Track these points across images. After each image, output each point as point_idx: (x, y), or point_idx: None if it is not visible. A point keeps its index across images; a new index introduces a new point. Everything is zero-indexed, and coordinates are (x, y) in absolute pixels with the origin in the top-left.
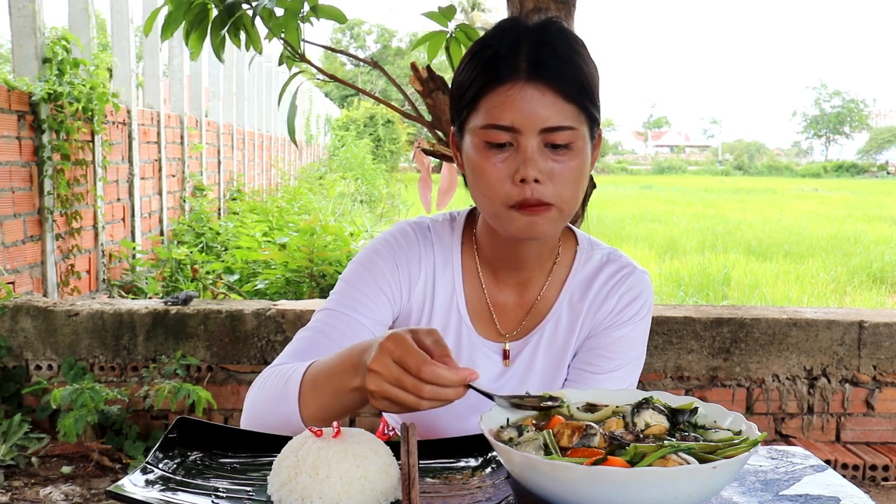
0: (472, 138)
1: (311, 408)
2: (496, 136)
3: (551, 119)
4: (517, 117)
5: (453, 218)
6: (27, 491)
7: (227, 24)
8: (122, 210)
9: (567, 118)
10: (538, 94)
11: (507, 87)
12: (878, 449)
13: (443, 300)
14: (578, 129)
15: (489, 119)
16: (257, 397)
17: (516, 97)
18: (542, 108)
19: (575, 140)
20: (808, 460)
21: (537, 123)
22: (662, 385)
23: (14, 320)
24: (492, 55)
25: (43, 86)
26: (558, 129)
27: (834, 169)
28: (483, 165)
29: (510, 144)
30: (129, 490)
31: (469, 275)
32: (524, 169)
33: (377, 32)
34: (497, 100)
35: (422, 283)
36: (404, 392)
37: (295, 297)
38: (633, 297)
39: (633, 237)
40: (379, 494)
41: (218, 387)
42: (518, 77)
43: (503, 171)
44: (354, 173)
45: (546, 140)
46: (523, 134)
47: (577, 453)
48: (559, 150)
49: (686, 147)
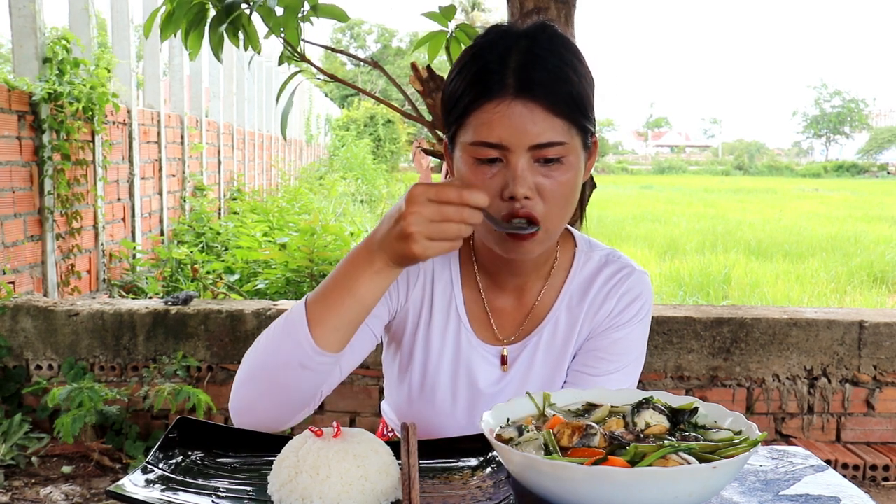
0: (461, 153)
1: (325, 322)
2: (485, 152)
3: (541, 135)
4: (505, 134)
5: None
6: (27, 491)
7: (224, 24)
8: (123, 210)
9: (557, 133)
10: (527, 111)
11: (494, 104)
12: (878, 449)
13: (441, 303)
14: (570, 144)
15: (478, 136)
16: (255, 349)
17: (504, 114)
18: (531, 125)
19: (567, 154)
20: (808, 460)
21: (526, 140)
22: (663, 385)
23: (14, 320)
24: (480, 68)
25: (43, 86)
26: (548, 145)
27: (834, 169)
28: (472, 180)
29: (500, 160)
30: (129, 490)
31: (467, 279)
32: (514, 186)
33: (377, 32)
34: (485, 116)
35: (420, 286)
36: (448, 223)
37: (295, 297)
38: (632, 298)
39: (633, 237)
40: (379, 494)
41: (218, 387)
42: (506, 93)
43: (492, 188)
44: (355, 173)
45: (536, 156)
46: (512, 151)
47: (578, 453)
48: (551, 164)
49: (686, 147)
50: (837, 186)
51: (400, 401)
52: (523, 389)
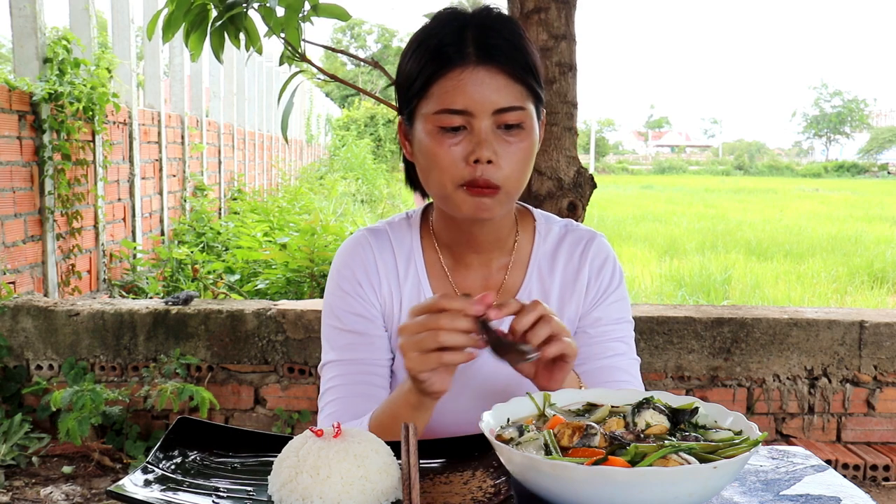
0: (423, 124)
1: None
2: (449, 120)
3: (503, 100)
4: (469, 101)
5: (409, 216)
6: (28, 491)
7: (224, 23)
8: (123, 210)
9: (517, 98)
10: (489, 77)
11: (457, 72)
12: (878, 449)
13: (410, 295)
14: (527, 109)
15: (442, 104)
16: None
17: (467, 80)
18: (494, 91)
19: (525, 119)
20: (808, 460)
21: (489, 105)
22: (663, 385)
23: (15, 320)
24: (437, 43)
25: (44, 86)
26: (510, 109)
27: (835, 169)
28: (436, 150)
29: (463, 128)
30: (129, 490)
31: (432, 266)
32: (479, 150)
33: (378, 32)
34: (448, 84)
35: (386, 285)
36: (427, 332)
37: (295, 297)
38: (602, 262)
39: (633, 237)
40: (380, 494)
41: (219, 387)
42: (468, 61)
43: (457, 153)
44: (355, 173)
45: (498, 121)
46: (476, 116)
47: (578, 453)
48: (512, 129)
49: (687, 147)
50: (838, 186)
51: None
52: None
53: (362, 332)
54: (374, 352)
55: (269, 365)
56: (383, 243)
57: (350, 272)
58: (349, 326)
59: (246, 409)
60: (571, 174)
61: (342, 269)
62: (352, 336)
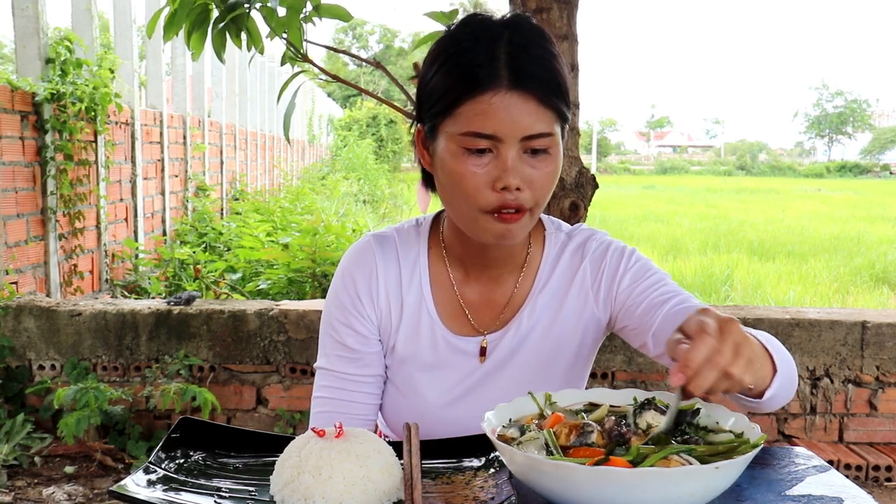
0: (447, 143)
1: None
2: (475, 143)
3: (532, 127)
4: (499, 126)
5: (419, 223)
6: (30, 491)
7: (226, 23)
8: (125, 210)
9: (546, 125)
10: (521, 102)
11: (489, 96)
12: (881, 449)
13: (412, 304)
14: (555, 135)
15: (470, 127)
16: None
17: (498, 106)
18: (524, 116)
19: (552, 145)
20: (810, 461)
21: (519, 132)
22: (665, 385)
23: (17, 320)
24: (468, 62)
25: (46, 86)
26: (539, 136)
27: (837, 169)
28: (461, 171)
29: (489, 150)
30: (131, 490)
31: (438, 277)
32: (506, 178)
33: (380, 33)
34: (479, 108)
35: (384, 294)
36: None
37: (297, 297)
38: (602, 252)
39: (635, 237)
40: (381, 495)
41: (221, 387)
42: (499, 85)
43: (482, 179)
44: (357, 174)
45: (525, 147)
46: (504, 142)
47: (578, 452)
48: (538, 155)
49: (689, 147)
50: (840, 187)
51: (387, 405)
52: (504, 378)
53: (354, 349)
54: (364, 368)
55: (271, 365)
56: (388, 251)
57: (351, 282)
58: (342, 339)
59: (248, 410)
60: (573, 174)
61: (344, 277)
62: (344, 350)
